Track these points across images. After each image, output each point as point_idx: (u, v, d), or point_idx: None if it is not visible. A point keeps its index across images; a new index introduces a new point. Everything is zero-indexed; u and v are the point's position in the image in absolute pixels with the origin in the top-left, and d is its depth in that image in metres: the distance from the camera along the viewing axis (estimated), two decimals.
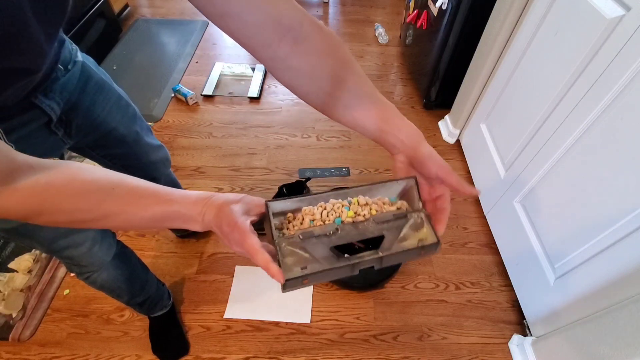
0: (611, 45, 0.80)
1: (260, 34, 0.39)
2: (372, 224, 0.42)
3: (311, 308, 1.13)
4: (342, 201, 0.42)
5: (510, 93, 1.22)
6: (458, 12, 1.41)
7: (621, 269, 0.75)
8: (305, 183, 1.34)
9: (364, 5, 2.75)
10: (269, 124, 1.74)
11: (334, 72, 0.43)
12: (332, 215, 0.41)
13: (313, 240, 0.39)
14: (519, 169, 1.13)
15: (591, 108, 0.84)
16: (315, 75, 0.43)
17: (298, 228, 0.40)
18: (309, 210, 0.41)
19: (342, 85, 0.43)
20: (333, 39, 0.43)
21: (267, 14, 0.38)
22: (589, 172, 0.85)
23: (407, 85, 2.03)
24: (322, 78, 0.43)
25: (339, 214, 0.41)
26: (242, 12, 0.37)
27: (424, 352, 1.06)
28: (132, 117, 0.81)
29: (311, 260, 0.38)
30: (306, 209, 0.41)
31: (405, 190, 0.46)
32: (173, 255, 1.23)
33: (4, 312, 1.06)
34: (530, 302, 1.07)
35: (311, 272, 0.37)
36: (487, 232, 1.34)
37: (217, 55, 2.18)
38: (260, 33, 0.39)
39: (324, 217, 0.41)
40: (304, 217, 0.41)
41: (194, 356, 1.02)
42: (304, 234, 0.39)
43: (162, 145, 0.95)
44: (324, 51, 0.42)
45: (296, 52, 0.40)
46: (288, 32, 0.39)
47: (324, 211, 0.41)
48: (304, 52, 0.41)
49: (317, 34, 0.41)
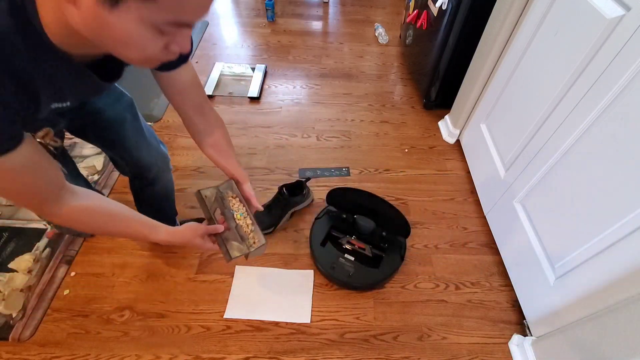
0: (611, 45, 0.80)
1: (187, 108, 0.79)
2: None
3: (311, 308, 1.13)
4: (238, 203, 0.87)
5: (510, 93, 1.22)
6: (458, 12, 1.41)
7: (621, 269, 0.75)
8: (305, 183, 1.34)
9: (364, 5, 2.75)
10: (269, 124, 1.74)
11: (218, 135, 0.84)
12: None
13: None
14: (519, 169, 1.13)
15: (591, 108, 0.84)
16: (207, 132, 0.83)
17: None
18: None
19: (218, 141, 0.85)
20: (220, 120, 0.86)
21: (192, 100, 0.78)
22: (589, 172, 0.85)
23: (407, 85, 2.03)
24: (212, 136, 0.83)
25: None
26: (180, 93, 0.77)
27: (424, 352, 1.06)
28: (125, 104, 0.91)
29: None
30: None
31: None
32: (173, 255, 1.23)
33: (4, 312, 1.06)
34: (530, 302, 1.07)
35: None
36: (487, 232, 1.34)
37: (217, 55, 2.18)
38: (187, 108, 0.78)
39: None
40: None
41: (194, 356, 1.02)
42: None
43: (160, 148, 1.01)
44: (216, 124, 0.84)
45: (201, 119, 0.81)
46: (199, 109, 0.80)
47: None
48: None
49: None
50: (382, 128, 1.76)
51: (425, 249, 1.30)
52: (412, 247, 1.30)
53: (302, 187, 1.35)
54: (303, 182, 1.34)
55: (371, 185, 1.50)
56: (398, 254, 1.19)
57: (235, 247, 0.81)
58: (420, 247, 1.30)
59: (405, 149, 1.66)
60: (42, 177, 0.56)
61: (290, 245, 1.29)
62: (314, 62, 2.16)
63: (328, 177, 1.52)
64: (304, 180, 1.35)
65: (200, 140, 0.82)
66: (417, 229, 1.35)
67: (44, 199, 0.58)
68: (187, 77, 0.73)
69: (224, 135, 0.85)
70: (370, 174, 1.55)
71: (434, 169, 1.58)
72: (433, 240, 1.32)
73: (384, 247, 1.20)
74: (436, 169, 1.58)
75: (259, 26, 2.46)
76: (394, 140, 1.70)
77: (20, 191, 0.56)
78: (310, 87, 1.99)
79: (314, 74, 2.08)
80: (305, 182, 1.34)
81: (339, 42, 2.36)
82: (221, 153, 0.84)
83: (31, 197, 0.58)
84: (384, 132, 1.74)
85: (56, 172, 0.59)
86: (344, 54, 2.25)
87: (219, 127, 0.84)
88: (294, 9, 2.66)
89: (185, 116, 0.79)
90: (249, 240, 0.83)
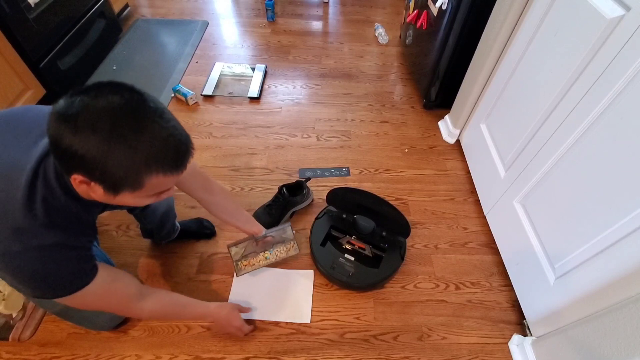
0: (611, 45, 0.80)
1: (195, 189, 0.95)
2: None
3: (311, 308, 1.13)
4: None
5: (510, 93, 1.22)
6: (458, 12, 1.41)
7: (621, 269, 0.75)
8: (305, 183, 1.34)
9: (364, 5, 2.75)
10: (269, 124, 1.74)
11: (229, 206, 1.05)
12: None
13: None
14: (519, 169, 1.13)
15: (591, 108, 0.84)
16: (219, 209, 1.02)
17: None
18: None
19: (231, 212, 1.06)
20: (224, 190, 1.06)
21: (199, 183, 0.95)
22: (589, 171, 0.85)
23: (407, 85, 2.03)
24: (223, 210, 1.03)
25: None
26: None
27: (424, 352, 1.06)
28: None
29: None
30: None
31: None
32: (173, 255, 1.23)
33: (4, 312, 1.06)
34: (530, 302, 1.07)
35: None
36: (487, 232, 1.34)
37: (217, 55, 2.18)
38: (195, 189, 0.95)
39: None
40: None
41: (194, 356, 1.02)
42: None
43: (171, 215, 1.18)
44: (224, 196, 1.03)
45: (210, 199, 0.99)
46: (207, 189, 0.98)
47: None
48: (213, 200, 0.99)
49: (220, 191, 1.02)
50: (382, 128, 1.76)
51: (425, 249, 1.30)
52: (412, 247, 1.30)
53: (302, 187, 1.35)
54: (303, 182, 1.34)
55: (371, 185, 1.50)
56: (398, 254, 1.19)
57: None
58: (420, 247, 1.30)
59: (405, 149, 1.66)
60: (122, 289, 0.75)
61: None
62: (314, 62, 2.16)
63: (328, 177, 1.52)
64: (304, 180, 1.35)
65: (214, 211, 1.01)
66: (417, 229, 1.35)
67: (130, 303, 0.76)
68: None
69: (231, 202, 1.05)
70: (370, 174, 1.55)
71: (434, 169, 1.58)
72: (433, 240, 1.32)
73: (384, 247, 1.20)
74: (436, 169, 1.58)
75: (259, 26, 2.46)
76: (394, 140, 1.70)
77: (111, 303, 0.75)
78: (310, 87, 1.99)
79: (314, 74, 2.08)
80: (305, 182, 1.34)
81: (339, 42, 2.36)
82: (232, 216, 1.05)
83: (120, 305, 0.77)
84: (384, 132, 1.74)
85: (130, 279, 0.77)
86: (344, 54, 2.25)
87: (225, 197, 1.03)
88: (294, 9, 2.66)
89: (197, 197, 0.96)
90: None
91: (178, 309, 0.90)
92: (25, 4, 1.51)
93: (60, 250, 0.60)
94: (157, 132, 0.52)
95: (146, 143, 0.51)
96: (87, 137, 0.48)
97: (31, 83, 1.57)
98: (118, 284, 0.74)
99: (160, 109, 0.54)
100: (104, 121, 0.49)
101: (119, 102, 0.50)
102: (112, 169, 0.51)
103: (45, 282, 0.60)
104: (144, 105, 0.52)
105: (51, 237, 0.58)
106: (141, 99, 0.52)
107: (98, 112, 0.49)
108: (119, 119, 0.50)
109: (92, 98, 0.50)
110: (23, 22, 1.49)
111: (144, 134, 0.51)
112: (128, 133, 0.50)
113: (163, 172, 0.54)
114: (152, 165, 0.53)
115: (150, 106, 0.52)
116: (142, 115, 0.51)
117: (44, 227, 0.57)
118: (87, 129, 0.48)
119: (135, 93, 0.53)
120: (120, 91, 0.51)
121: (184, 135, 0.56)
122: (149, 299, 0.80)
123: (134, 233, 1.28)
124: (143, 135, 0.51)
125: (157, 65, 2.07)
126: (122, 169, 0.51)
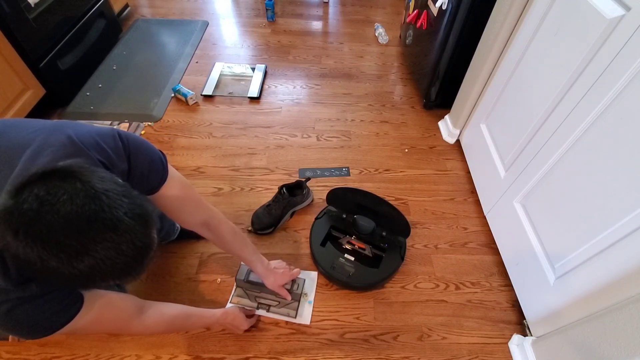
0: (611, 45, 0.79)
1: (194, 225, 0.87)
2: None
3: (311, 308, 1.13)
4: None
5: (511, 93, 1.22)
6: (458, 12, 1.41)
7: (621, 269, 0.75)
8: (305, 183, 1.34)
9: (364, 5, 2.75)
10: (269, 124, 1.74)
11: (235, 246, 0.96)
12: None
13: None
14: (519, 169, 1.13)
15: (591, 108, 0.84)
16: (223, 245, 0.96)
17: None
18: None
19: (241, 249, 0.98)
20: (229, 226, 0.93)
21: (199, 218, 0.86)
22: (589, 172, 0.85)
23: (407, 85, 2.03)
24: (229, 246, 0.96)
25: None
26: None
27: (424, 352, 1.06)
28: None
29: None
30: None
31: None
32: (173, 255, 1.23)
33: None
34: (530, 302, 1.07)
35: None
36: (487, 232, 1.34)
37: (217, 55, 2.18)
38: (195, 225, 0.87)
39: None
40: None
41: (194, 356, 1.02)
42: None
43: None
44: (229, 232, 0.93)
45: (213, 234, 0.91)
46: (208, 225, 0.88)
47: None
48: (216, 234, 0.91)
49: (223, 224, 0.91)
50: (382, 128, 1.76)
51: (425, 249, 1.30)
52: (412, 247, 1.30)
53: (302, 187, 1.35)
54: (303, 182, 1.34)
55: (371, 185, 1.50)
56: (398, 254, 1.19)
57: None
58: (420, 247, 1.30)
59: (405, 149, 1.66)
60: (116, 312, 0.72)
61: (290, 245, 1.29)
62: (314, 62, 2.16)
63: (328, 177, 1.52)
64: (304, 180, 1.35)
65: (221, 246, 0.97)
66: (417, 229, 1.35)
67: (129, 322, 0.74)
68: (173, 199, 0.76)
69: (236, 243, 0.96)
70: (370, 174, 1.55)
71: (434, 169, 1.58)
72: (433, 240, 1.32)
73: (384, 247, 1.20)
74: (436, 169, 1.58)
75: (259, 26, 2.46)
76: (394, 140, 1.70)
77: (107, 327, 0.76)
78: (310, 87, 1.99)
79: (314, 74, 2.08)
80: (305, 182, 1.34)
81: (339, 42, 2.36)
82: (241, 258, 0.99)
83: (118, 326, 0.76)
84: (384, 132, 1.74)
85: (124, 300, 0.74)
86: (344, 54, 2.25)
87: (230, 236, 0.93)
88: (294, 9, 2.66)
89: (199, 233, 0.89)
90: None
91: (182, 320, 0.88)
92: (25, 4, 1.51)
93: (39, 298, 0.57)
94: (104, 254, 0.46)
95: (88, 267, 0.45)
96: (27, 247, 0.43)
97: (31, 83, 1.57)
98: (111, 309, 0.70)
99: (117, 217, 0.46)
100: (46, 235, 0.43)
101: (68, 211, 0.44)
102: (54, 281, 0.49)
103: (30, 328, 0.59)
104: (97, 218, 0.45)
105: (28, 291, 0.55)
106: (96, 208, 0.45)
107: (42, 223, 0.43)
108: (62, 236, 0.44)
109: (39, 203, 0.43)
110: (23, 22, 1.49)
111: (87, 255, 0.45)
112: (68, 256, 0.44)
113: (113, 281, 0.50)
114: (94, 283, 0.49)
115: (103, 218, 0.45)
116: (88, 234, 0.45)
117: (19, 285, 0.54)
118: (28, 240, 0.43)
119: (90, 200, 0.45)
120: (73, 198, 0.45)
121: (138, 244, 0.48)
122: (150, 314, 0.78)
123: None
124: (86, 258, 0.45)
125: (157, 65, 2.07)
126: (63, 284, 0.52)
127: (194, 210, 0.83)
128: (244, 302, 1.11)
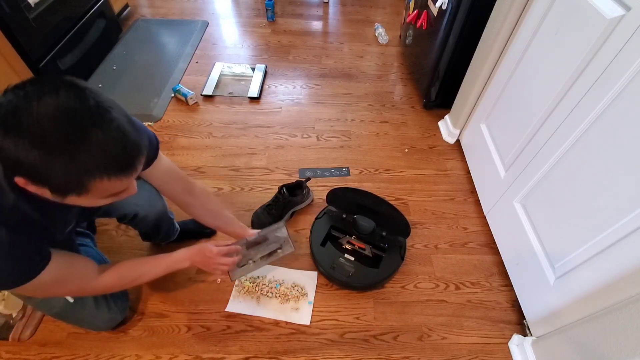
0: (611, 45, 0.80)
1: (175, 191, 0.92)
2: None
3: (311, 308, 1.13)
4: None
5: (511, 93, 1.22)
6: (458, 12, 1.41)
7: (621, 269, 0.75)
8: (305, 183, 1.34)
9: (364, 5, 2.75)
10: (269, 124, 1.74)
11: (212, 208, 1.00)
12: None
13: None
14: (519, 169, 1.13)
15: (591, 108, 0.84)
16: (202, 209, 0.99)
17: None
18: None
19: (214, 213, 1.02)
20: (205, 191, 0.99)
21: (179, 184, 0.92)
22: (589, 172, 0.85)
23: (407, 85, 2.03)
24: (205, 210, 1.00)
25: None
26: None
27: (424, 352, 1.06)
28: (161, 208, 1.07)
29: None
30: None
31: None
32: None
33: (4, 312, 1.06)
34: (530, 302, 1.07)
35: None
36: (487, 232, 1.34)
37: (217, 55, 2.18)
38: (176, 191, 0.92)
39: None
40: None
41: (194, 356, 1.02)
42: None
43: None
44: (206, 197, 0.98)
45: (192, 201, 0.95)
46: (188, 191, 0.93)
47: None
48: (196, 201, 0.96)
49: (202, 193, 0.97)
50: (382, 128, 1.76)
51: (425, 249, 1.30)
52: (412, 247, 1.30)
53: (302, 187, 1.35)
54: (303, 182, 1.34)
55: (371, 185, 1.50)
56: (398, 254, 1.19)
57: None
58: (420, 247, 1.30)
59: (405, 149, 1.66)
60: (77, 273, 0.74)
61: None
62: (314, 62, 2.16)
63: (328, 177, 1.52)
64: (304, 180, 1.35)
65: (195, 213, 0.98)
66: (417, 229, 1.35)
67: (85, 285, 0.77)
68: (163, 170, 0.86)
69: (214, 203, 1.01)
70: (370, 174, 1.55)
71: (434, 169, 1.58)
72: (433, 240, 1.32)
73: (384, 247, 1.20)
74: (436, 169, 1.58)
75: (259, 26, 2.46)
76: (394, 140, 1.70)
77: (66, 288, 0.76)
78: (310, 87, 1.99)
79: (314, 74, 2.08)
80: (305, 182, 1.34)
81: (339, 42, 2.36)
82: (217, 218, 1.02)
83: (75, 289, 0.78)
84: (384, 132, 1.74)
85: (86, 262, 0.77)
86: (344, 54, 2.25)
87: (207, 198, 0.99)
88: (294, 9, 2.66)
89: (178, 202, 0.94)
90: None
91: (136, 269, 0.85)
92: (25, 4, 1.51)
93: (6, 247, 0.58)
94: (97, 139, 0.47)
95: (85, 152, 0.47)
96: (19, 143, 0.44)
97: None
98: (73, 268, 0.73)
99: (104, 107, 0.49)
100: (36, 127, 0.45)
101: (55, 105, 0.46)
102: (51, 175, 0.48)
103: None
104: (84, 107, 0.47)
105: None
106: (80, 99, 0.47)
107: (30, 117, 0.45)
108: (53, 125, 0.45)
109: (23, 99, 0.45)
110: (23, 22, 1.49)
111: (82, 142, 0.47)
112: (63, 143, 0.46)
113: (108, 178, 0.50)
114: (93, 172, 0.49)
115: (90, 107, 0.48)
116: (79, 121, 0.47)
117: None
118: (18, 135, 0.44)
119: (72, 91, 0.47)
120: (56, 90, 0.47)
121: (130, 137, 0.51)
122: (106, 273, 0.79)
123: (134, 233, 1.28)
124: (82, 144, 0.47)
125: (157, 65, 2.07)
126: (61, 176, 0.48)
127: (178, 180, 0.92)
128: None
